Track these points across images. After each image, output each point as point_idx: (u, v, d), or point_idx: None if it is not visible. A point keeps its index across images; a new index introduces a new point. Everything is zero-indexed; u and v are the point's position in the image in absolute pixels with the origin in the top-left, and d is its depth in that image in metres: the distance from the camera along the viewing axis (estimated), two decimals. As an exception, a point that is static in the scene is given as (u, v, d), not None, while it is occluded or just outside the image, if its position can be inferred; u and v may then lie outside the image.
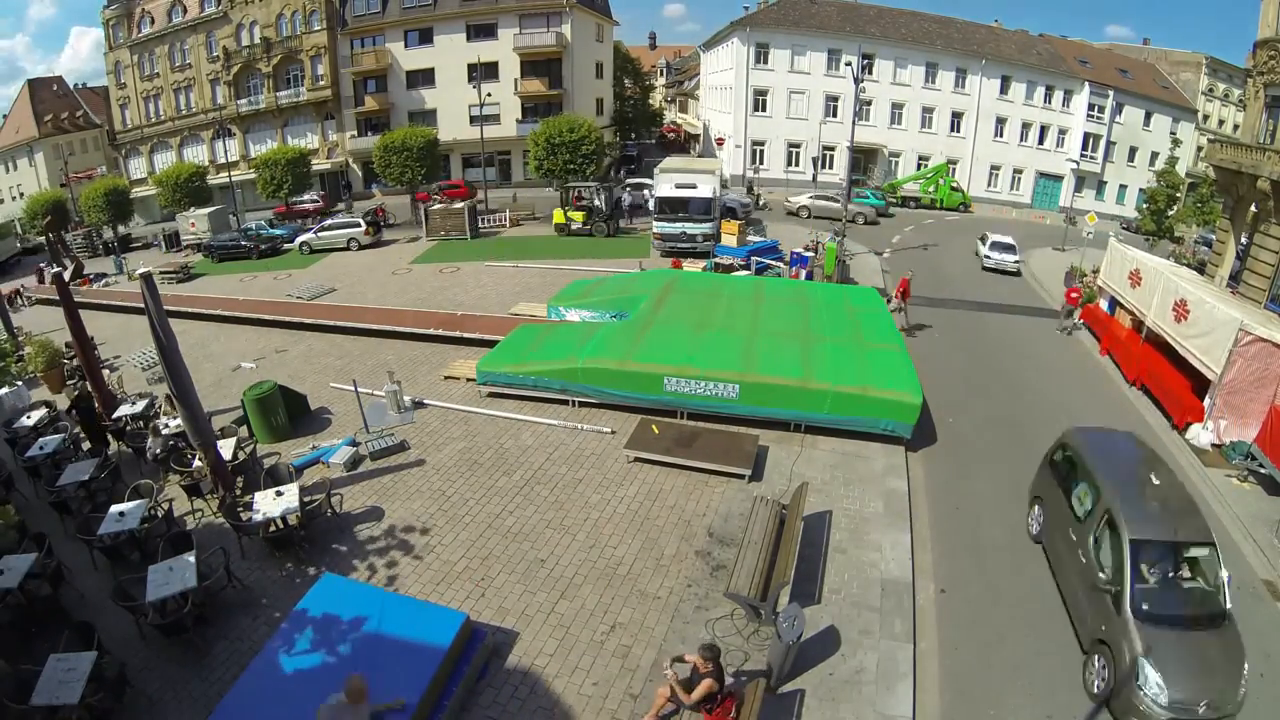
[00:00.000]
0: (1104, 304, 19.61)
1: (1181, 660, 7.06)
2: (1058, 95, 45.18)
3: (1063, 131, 45.66)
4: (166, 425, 12.65)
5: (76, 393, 14.88)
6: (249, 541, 10.13)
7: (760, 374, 13.00)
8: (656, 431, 12.32)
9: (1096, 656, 7.69)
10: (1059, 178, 45.97)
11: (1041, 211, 44.47)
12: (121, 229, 40.47)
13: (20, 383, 15.18)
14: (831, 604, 8.84)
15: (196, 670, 8.05)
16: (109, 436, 13.57)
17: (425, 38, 44.95)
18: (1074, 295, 20.54)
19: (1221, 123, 49.00)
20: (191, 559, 8.78)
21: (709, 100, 56.75)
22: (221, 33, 47.55)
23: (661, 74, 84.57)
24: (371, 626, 7.53)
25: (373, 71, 45.57)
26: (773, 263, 23.82)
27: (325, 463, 12.23)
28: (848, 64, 39.63)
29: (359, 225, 31.51)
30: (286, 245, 32.70)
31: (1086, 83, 44.48)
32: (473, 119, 40.32)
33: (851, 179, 31.93)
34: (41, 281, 29.62)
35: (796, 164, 45.87)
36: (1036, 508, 10.42)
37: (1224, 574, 7.71)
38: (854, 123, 30.41)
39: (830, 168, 44.51)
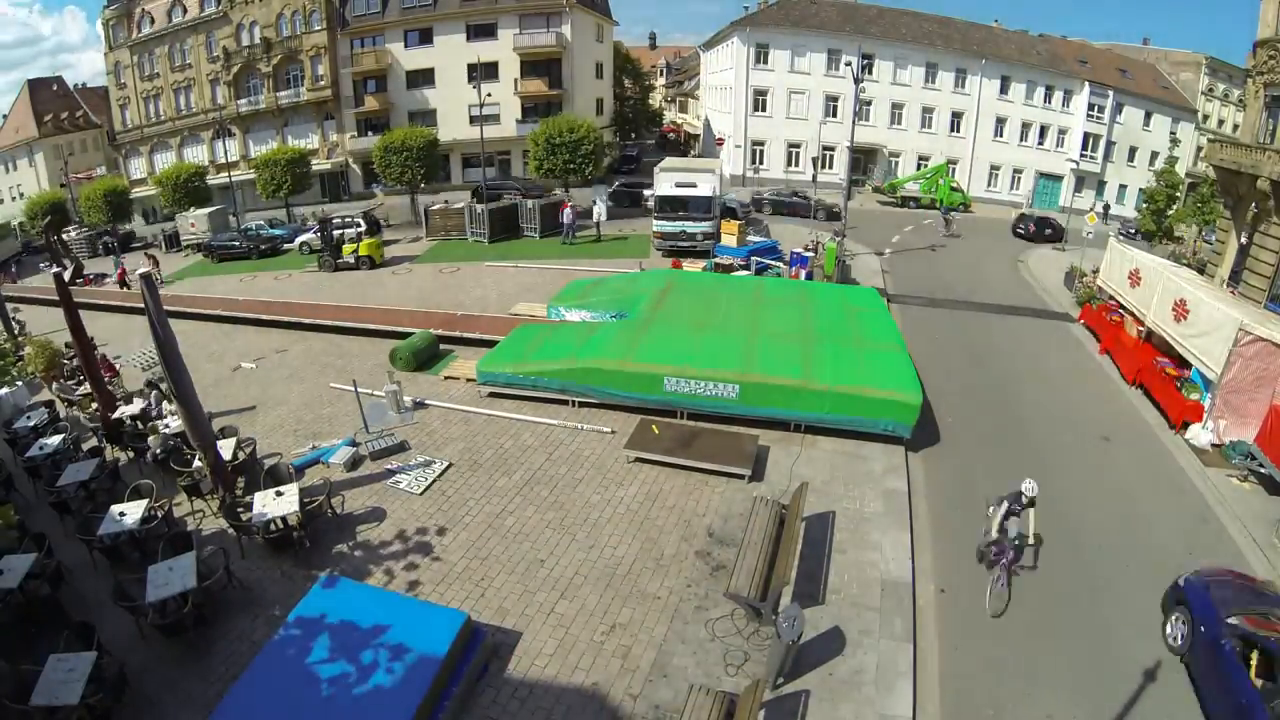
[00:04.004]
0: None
1: None
2: (1058, 95, 45.13)
3: (1063, 131, 45.60)
4: (167, 425, 12.66)
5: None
6: (249, 542, 10.13)
7: (760, 374, 12.99)
8: (656, 431, 12.32)
9: None
10: (1059, 178, 45.95)
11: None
12: (121, 229, 40.46)
13: (20, 383, 15.16)
14: (831, 604, 8.85)
15: (196, 670, 8.05)
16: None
17: (425, 38, 44.89)
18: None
19: (1221, 123, 48.92)
20: (191, 559, 8.79)
21: (709, 100, 56.72)
22: (221, 33, 47.50)
23: (661, 74, 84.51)
24: (372, 626, 7.52)
25: (373, 72, 45.52)
26: (772, 263, 23.80)
27: (325, 463, 12.24)
28: (848, 64, 39.59)
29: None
30: (286, 245, 32.72)
31: (1086, 83, 44.44)
32: (472, 119, 40.19)
33: (851, 179, 31.94)
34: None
35: (796, 164, 45.83)
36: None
37: None
38: (854, 123, 30.38)
39: (830, 168, 44.48)
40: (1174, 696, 7.79)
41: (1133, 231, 36.46)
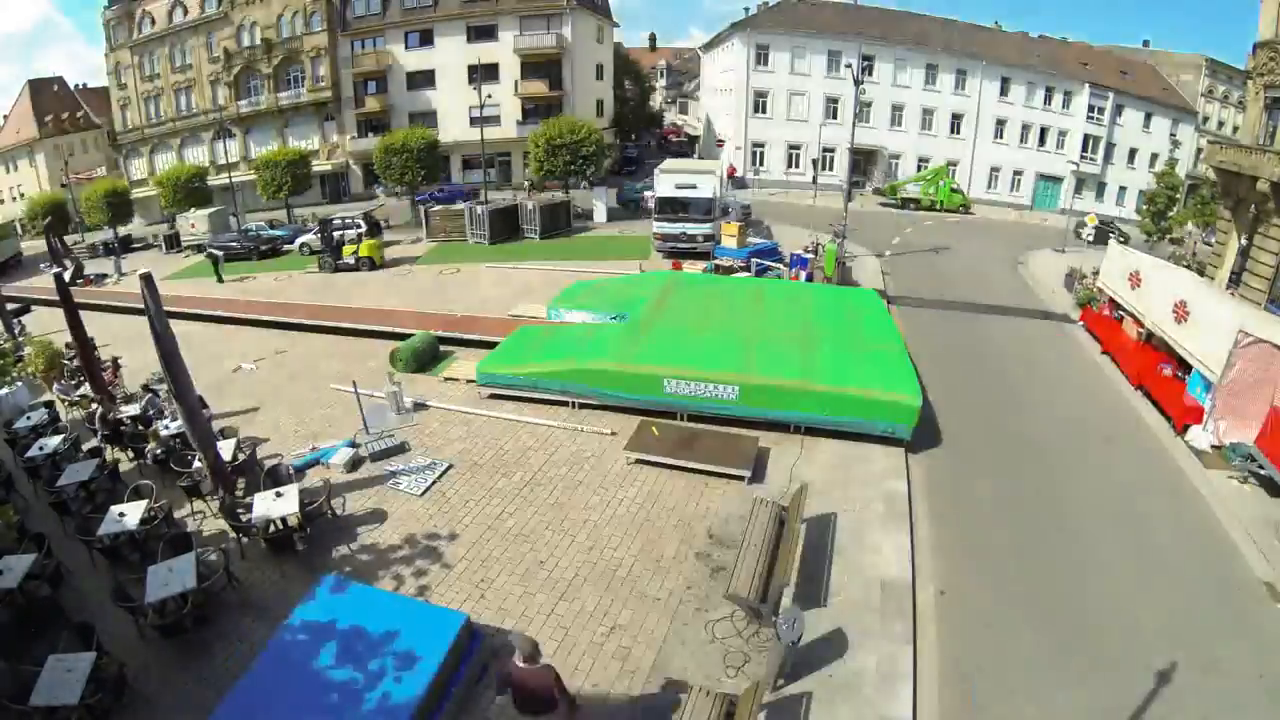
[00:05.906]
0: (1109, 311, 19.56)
1: None
2: (1058, 97, 45.23)
3: (1063, 133, 45.69)
4: (166, 426, 12.65)
5: None
6: (249, 543, 10.12)
7: (760, 375, 12.99)
8: (656, 433, 12.32)
9: None
10: (1059, 179, 46.01)
11: (1044, 212, 44.48)
12: (121, 230, 40.46)
13: (20, 383, 15.14)
14: (832, 605, 8.84)
15: (196, 671, 8.04)
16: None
17: (426, 39, 44.99)
18: None
19: (1221, 124, 48.92)
20: (191, 560, 8.78)
21: (709, 102, 56.82)
22: (222, 34, 47.57)
23: (662, 75, 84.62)
24: (372, 627, 7.51)
25: (373, 73, 45.60)
26: (773, 264, 23.83)
27: (325, 464, 12.23)
28: (848, 66, 39.64)
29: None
30: (287, 246, 32.75)
31: (1086, 84, 44.53)
32: (473, 120, 40.29)
33: (851, 181, 31.97)
34: None
35: (797, 166, 45.90)
36: None
37: None
38: (854, 124, 30.43)
39: (830, 169, 44.53)
40: (1173, 698, 7.79)
41: (1108, 224, 36.39)
